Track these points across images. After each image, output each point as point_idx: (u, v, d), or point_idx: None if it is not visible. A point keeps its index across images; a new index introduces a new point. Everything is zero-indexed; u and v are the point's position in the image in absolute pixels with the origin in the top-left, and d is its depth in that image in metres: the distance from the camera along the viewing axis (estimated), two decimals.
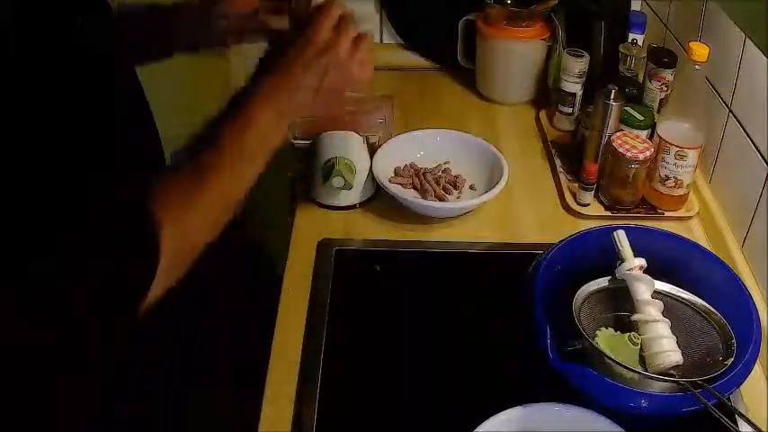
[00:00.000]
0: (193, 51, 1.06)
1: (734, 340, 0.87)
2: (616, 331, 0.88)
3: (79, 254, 0.64)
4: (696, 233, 1.16)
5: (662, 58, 1.23)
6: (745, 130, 1.08)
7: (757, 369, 0.89)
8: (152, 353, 1.06)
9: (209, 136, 0.78)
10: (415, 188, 1.21)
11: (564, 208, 1.21)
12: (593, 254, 0.95)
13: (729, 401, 0.79)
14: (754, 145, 1.05)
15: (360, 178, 1.16)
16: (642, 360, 0.86)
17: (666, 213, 1.18)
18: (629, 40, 1.30)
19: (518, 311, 0.90)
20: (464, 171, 1.24)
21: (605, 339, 0.86)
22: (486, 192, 1.16)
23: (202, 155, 0.77)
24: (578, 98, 1.36)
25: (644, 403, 0.80)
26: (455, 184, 1.21)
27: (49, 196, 0.63)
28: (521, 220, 1.19)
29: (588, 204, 1.19)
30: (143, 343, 1.04)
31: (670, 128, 1.14)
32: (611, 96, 1.16)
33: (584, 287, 0.92)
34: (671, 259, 0.96)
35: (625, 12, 1.35)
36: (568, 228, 1.13)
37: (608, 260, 0.93)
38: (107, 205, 0.67)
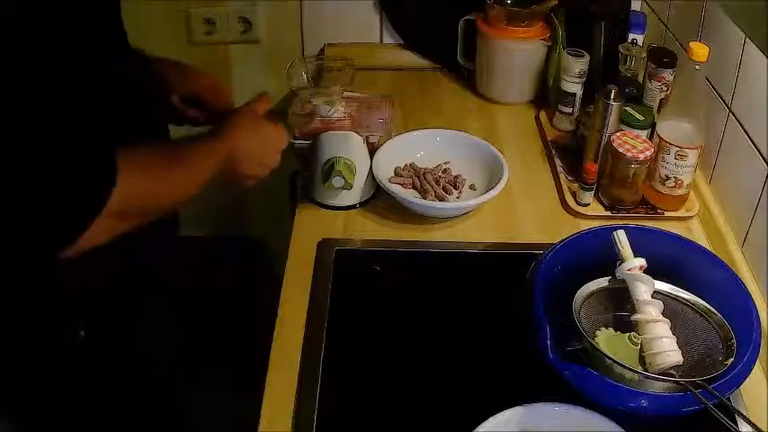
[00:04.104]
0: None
1: (734, 340, 0.87)
2: (616, 331, 0.88)
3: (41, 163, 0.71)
4: (696, 233, 1.16)
5: (662, 58, 1.23)
6: (745, 130, 1.07)
7: (757, 369, 0.89)
8: (153, 352, 1.07)
9: (188, 140, 0.92)
10: (415, 188, 1.21)
11: (564, 208, 1.21)
12: (594, 254, 0.95)
13: (729, 401, 0.79)
14: (755, 145, 1.05)
15: (360, 178, 1.16)
16: (642, 360, 0.86)
17: (666, 213, 1.18)
18: (629, 40, 1.30)
19: (518, 311, 0.90)
20: (464, 171, 1.24)
21: (605, 339, 0.86)
22: (486, 192, 1.16)
23: (180, 147, 0.89)
24: (578, 98, 1.36)
25: (644, 403, 0.80)
26: (455, 184, 1.21)
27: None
28: (521, 220, 1.19)
29: (588, 204, 1.19)
30: (143, 343, 1.04)
31: (670, 128, 1.14)
32: (611, 96, 1.16)
33: (584, 287, 0.92)
34: (671, 259, 0.96)
35: (625, 12, 1.35)
36: (568, 228, 1.13)
37: (608, 260, 0.93)
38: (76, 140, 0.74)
